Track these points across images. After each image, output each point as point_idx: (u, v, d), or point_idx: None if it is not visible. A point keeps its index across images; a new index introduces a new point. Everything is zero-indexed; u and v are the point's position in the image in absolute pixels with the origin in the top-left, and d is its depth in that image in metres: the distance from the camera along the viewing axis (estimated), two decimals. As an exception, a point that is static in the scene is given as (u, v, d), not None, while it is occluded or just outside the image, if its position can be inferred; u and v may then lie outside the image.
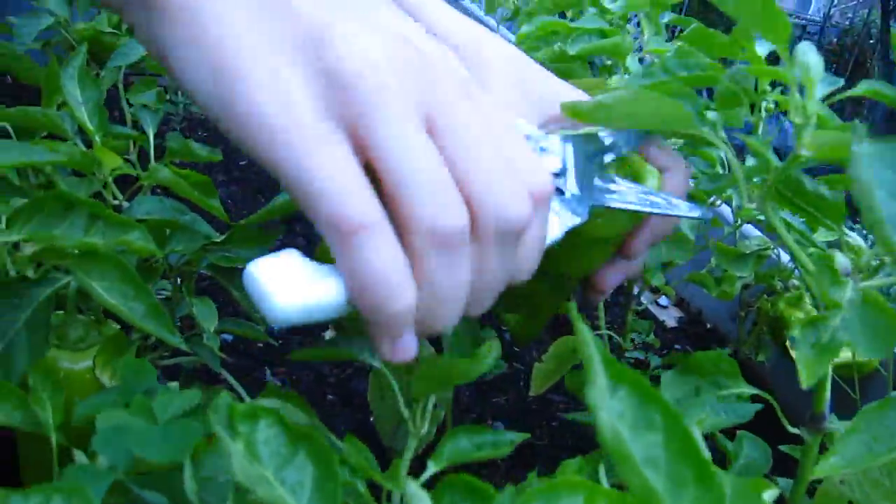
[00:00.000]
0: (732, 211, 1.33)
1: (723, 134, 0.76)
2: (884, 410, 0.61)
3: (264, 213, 0.97)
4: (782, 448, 0.85)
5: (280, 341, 1.52)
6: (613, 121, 0.72)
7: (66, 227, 0.78)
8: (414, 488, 0.46)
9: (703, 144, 0.90)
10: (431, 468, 0.58)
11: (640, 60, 1.22)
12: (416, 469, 0.64)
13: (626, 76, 1.34)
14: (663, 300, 1.95)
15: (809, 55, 0.62)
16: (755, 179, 0.86)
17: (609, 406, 0.38)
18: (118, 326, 0.97)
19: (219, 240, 0.95)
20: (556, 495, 0.39)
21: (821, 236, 0.93)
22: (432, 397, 0.65)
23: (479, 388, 1.19)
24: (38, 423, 0.73)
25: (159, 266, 0.88)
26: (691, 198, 1.13)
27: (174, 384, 0.79)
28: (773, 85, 0.83)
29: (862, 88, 0.69)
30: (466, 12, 2.53)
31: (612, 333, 1.25)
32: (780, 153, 0.74)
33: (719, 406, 0.72)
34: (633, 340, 1.30)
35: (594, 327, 1.25)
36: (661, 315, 1.87)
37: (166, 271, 0.92)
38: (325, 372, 1.46)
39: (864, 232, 1.48)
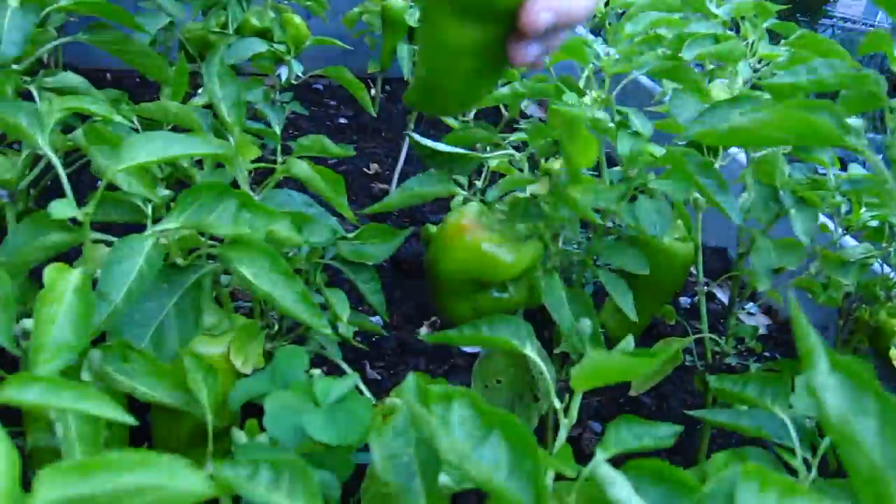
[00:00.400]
0: (833, 218, 1.32)
1: (865, 140, 0.76)
2: None
3: (382, 206, 1.00)
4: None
5: (375, 337, 1.55)
6: (754, 143, 0.72)
7: (217, 215, 0.81)
8: (607, 470, 0.48)
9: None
10: (600, 455, 0.59)
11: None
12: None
13: (737, 80, 1.34)
14: (752, 307, 1.93)
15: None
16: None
17: (831, 389, 0.39)
18: (244, 318, 1.00)
19: (350, 235, 0.97)
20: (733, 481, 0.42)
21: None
22: (580, 393, 0.66)
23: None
24: (196, 403, 0.75)
25: (297, 257, 0.90)
26: (802, 200, 1.13)
27: (317, 371, 0.81)
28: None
29: None
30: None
31: (715, 337, 1.25)
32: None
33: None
34: (735, 346, 1.29)
35: (695, 330, 1.25)
36: (750, 322, 1.86)
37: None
38: (421, 367, 1.48)
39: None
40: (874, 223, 1.25)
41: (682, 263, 1.24)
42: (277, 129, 1.06)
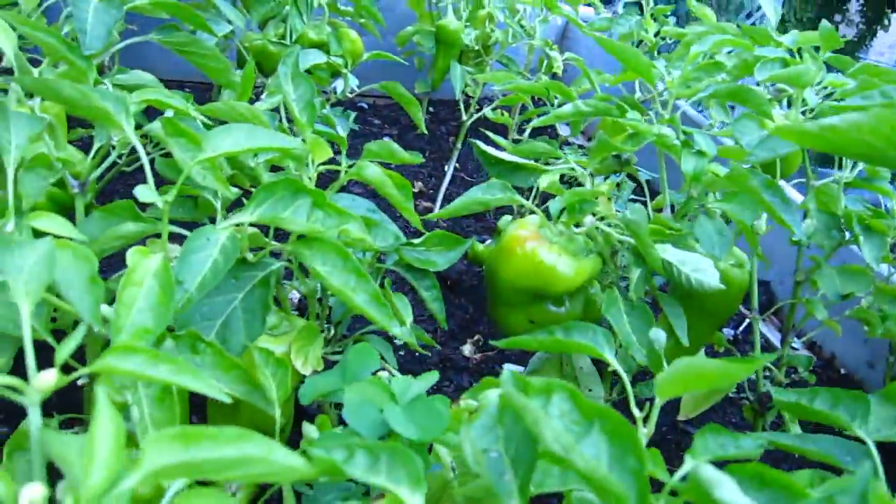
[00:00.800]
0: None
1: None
2: None
3: (445, 212, 1.00)
4: None
5: (418, 353, 1.54)
6: (844, 146, 0.71)
7: (292, 212, 0.81)
8: (712, 472, 0.47)
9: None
10: (689, 462, 0.58)
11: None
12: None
13: (795, 108, 1.33)
14: (796, 342, 1.91)
15: None
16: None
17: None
18: (303, 320, 1.00)
19: (416, 241, 0.97)
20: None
21: None
22: (662, 402, 0.65)
23: (622, 400, 1.19)
24: (265, 398, 0.75)
25: (364, 260, 0.90)
26: (869, 228, 1.12)
27: (384, 373, 0.81)
28: None
29: None
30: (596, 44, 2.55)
31: (771, 366, 1.23)
32: None
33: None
34: (788, 375, 1.28)
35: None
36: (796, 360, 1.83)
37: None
38: (465, 384, 1.47)
39: None
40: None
41: (737, 290, 1.23)
42: (344, 133, 1.07)
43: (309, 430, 0.71)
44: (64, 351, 0.47)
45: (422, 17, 2.15)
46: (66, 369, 0.50)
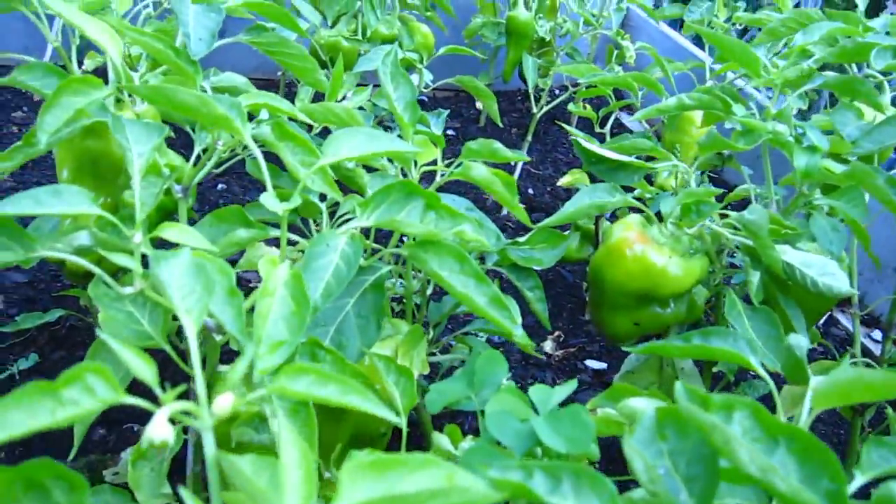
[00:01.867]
0: None
1: None
2: None
3: (557, 219, 0.98)
4: None
5: (501, 349, 1.52)
6: None
7: (406, 214, 0.79)
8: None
9: None
10: (859, 477, 0.55)
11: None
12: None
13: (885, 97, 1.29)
14: (876, 334, 1.86)
15: None
16: None
17: None
18: (406, 323, 0.99)
19: (521, 240, 0.95)
20: None
21: None
22: (817, 411, 0.63)
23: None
24: (391, 407, 0.74)
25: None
26: None
27: (510, 382, 0.79)
28: None
29: None
30: (662, 33, 2.51)
31: (869, 360, 1.19)
32: None
33: None
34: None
35: (851, 354, 1.20)
36: (876, 349, 1.79)
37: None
38: (548, 381, 1.46)
39: None
40: None
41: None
42: (438, 132, 1.05)
43: (442, 440, 0.70)
44: (236, 374, 0.46)
45: (484, 9, 2.12)
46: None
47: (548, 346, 1.53)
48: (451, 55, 1.68)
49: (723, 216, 0.98)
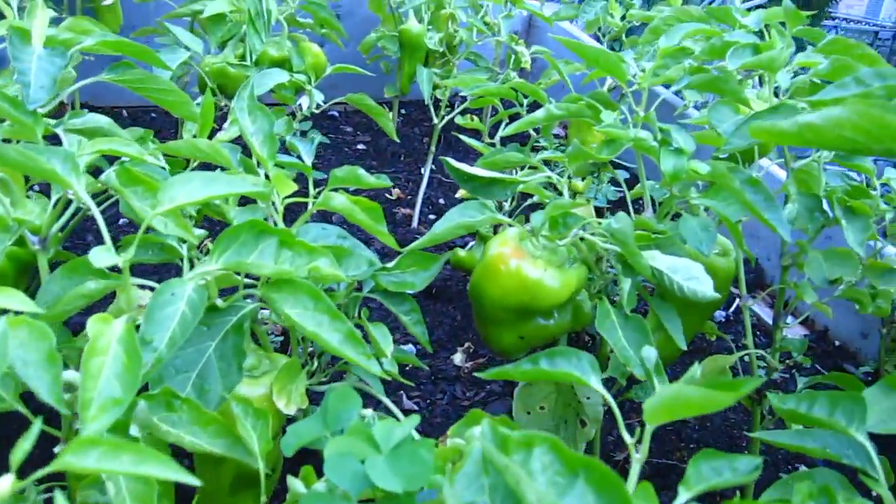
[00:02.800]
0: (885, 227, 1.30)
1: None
2: None
3: (427, 240, 0.97)
4: None
5: (409, 366, 1.52)
6: (824, 143, 0.69)
7: (258, 255, 0.78)
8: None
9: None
10: (684, 495, 0.56)
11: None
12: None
13: (766, 90, 1.32)
14: (788, 318, 1.90)
15: None
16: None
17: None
18: (284, 356, 0.97)
19: (389, 265, 0.95)
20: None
21: None
22: (652, 427, 0.63)
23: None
24: (247, 452, 0.73)
25: (337, 293, 0.88)
26: (851, 210, 1.10)
27: (369, 411, 0.79)
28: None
29: None
30: (564, 32, 2.53)
31: (762, 352, 1.21)
32: None
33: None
34: (781, 360, 1.26)
35: (741, 346, 1.22)
36: (787, 333, 1.82)
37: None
38: (458, 395, 1.46)
39: None
40: (920, 228, 1.22)
41: (724, 278, 1.21)
42: (308, 162, 1.04)
43: (295, 484, 0.69)
44: (18, 454, 0.45)
45: (385, 20, 2.12)
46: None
47: (457, 358, 1.53)
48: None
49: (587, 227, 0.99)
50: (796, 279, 1.21)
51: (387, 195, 2.09)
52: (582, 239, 0.98)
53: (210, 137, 1.22)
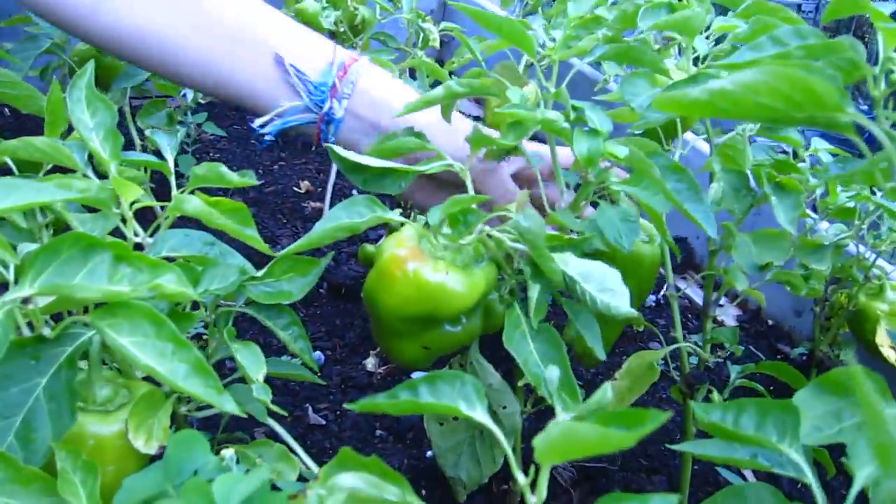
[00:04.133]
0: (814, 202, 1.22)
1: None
2: None
3: (305, 243, 0.85)
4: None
5: (318, 374, 1.40)
6: (740, 112, 0.59)
7: (86, 275, 0.65)
8: None
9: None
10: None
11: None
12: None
13: (686, 57, 1.22)
14: (723, 301, 1.82)
15: None
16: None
17: None
18: (146, 384, 0.85)
19: (258, 274, 0.83)
20: None
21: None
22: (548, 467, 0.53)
23: (540, 412, 1.07)
24: (74, 515, 0.60)
25: (193, 314, 0.76)
26: (781, 186, 1.00)
27: (229, 452, 0.67)
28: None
29: None
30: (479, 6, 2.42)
31: (691, 346, 1.12)
32: None
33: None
34: (713, 350, 1.17)
35: (671, 339, 1.13)
36: (720, 314, 1.75)
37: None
38: (370, 405, 1.34)
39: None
40: (851, 204, 1.14)
41: (649, 267, 1.12)
42: (170, 158, 0.91)
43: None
44: None
45: (287, 2, 1.97)
46: None
47: (370, 363, 1.41)
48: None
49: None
50: (725, 263, 1.12)
51: (295, 188, 1.96)
52: (490, 235, 0.87)
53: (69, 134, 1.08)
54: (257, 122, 1.08)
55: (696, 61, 1.13)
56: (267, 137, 1.08)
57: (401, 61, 1.51)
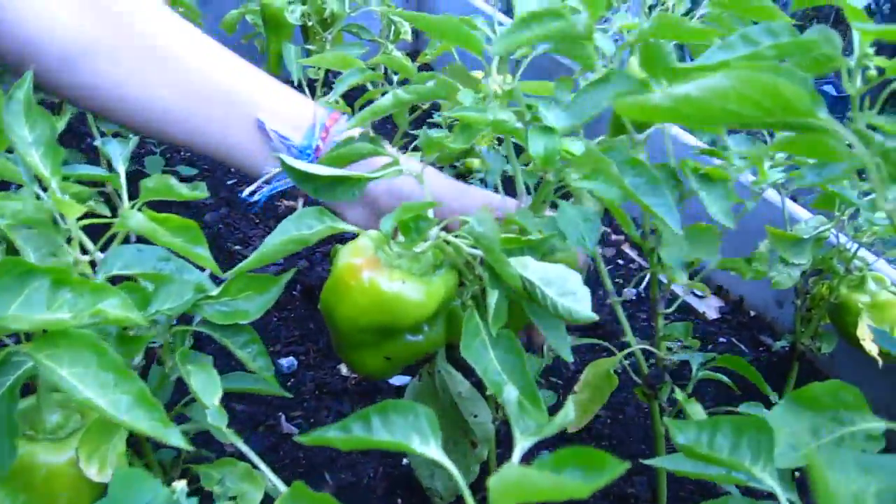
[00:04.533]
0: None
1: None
2: None
3: (255, 260, 0.81)
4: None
5: (291, 381, 1.37)
6: (707, 118, 0.56)
7: (22, 304, 0.62)
8: None
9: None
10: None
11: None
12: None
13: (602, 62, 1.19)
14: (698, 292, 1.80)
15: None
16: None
17: None
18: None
19: (214, 293, 0.79)
20: None
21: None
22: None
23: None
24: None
25: (142, 336, 0.72)
26: (707, 177, 0.96)
27: (180, 484, 0.63)
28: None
29: None
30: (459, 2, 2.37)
31: (646, 346, 1.09)
32: None
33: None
34: (669, 348, 1.14)
35: (621, 346, 1.09)
36: (700, 306, 1.72)
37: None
38: (345, 411, 1.31)
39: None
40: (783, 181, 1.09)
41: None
42: (121, 169, 0.87)
43: None
44: None
45: (253, -4, 1.93)
46: None
47: (344, 368, 1.38)
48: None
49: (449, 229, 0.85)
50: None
51: (267, 187, 1.92)
52: (447, 241, 0.84)
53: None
54: (246, 191, 1.07)
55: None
56: (257, 204, 1.07)
57: (374, 54, 1.47)
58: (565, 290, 0.76)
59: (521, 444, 0.53)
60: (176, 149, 2.02)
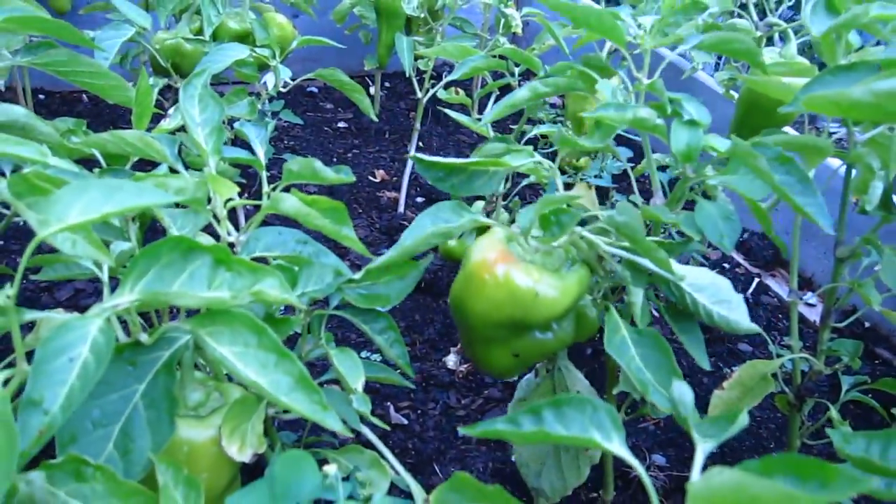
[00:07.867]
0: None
1: None
2: None
3: (399, 253, 0.81)
4: None
5: (398, 370, 1.37)
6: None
7: (185, 281, 0.63)
8: None
9: None
10: None
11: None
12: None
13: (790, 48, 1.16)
14: (810, 297, 1.74)
15: None
16: None
17: None
18: (238, 387, 0.82)
19: (356, 276, 0.79)
20: None
21: None
22: None
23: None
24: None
25: (293, 319, 0.72)
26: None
27: (332, 468, 0.63)
28: None
29: None
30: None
31: (808, 357, 1.05)
32: None
33: None
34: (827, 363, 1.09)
35: (759, 341, 1.06)
36: (811, 314, 1.67)
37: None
38: (452, 403, 1.30)
39: None
40: None
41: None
42: (261, 152, 0.87)
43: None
44: None
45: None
46: None
47: (451, 360, 1.38)
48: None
49: (586, 223, 0.83)
50: (853, 277, 1.04)
51: (370, 177, 1.93)
52: (581, 236, 0.82)
53: (154, 125, 1.06)
54: None
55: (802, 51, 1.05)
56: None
57: (476, 48, 1.46)
58: (719, 297, 0.73)
59: (702, 447, 0.52)
60: (280, 136, 2.04)
